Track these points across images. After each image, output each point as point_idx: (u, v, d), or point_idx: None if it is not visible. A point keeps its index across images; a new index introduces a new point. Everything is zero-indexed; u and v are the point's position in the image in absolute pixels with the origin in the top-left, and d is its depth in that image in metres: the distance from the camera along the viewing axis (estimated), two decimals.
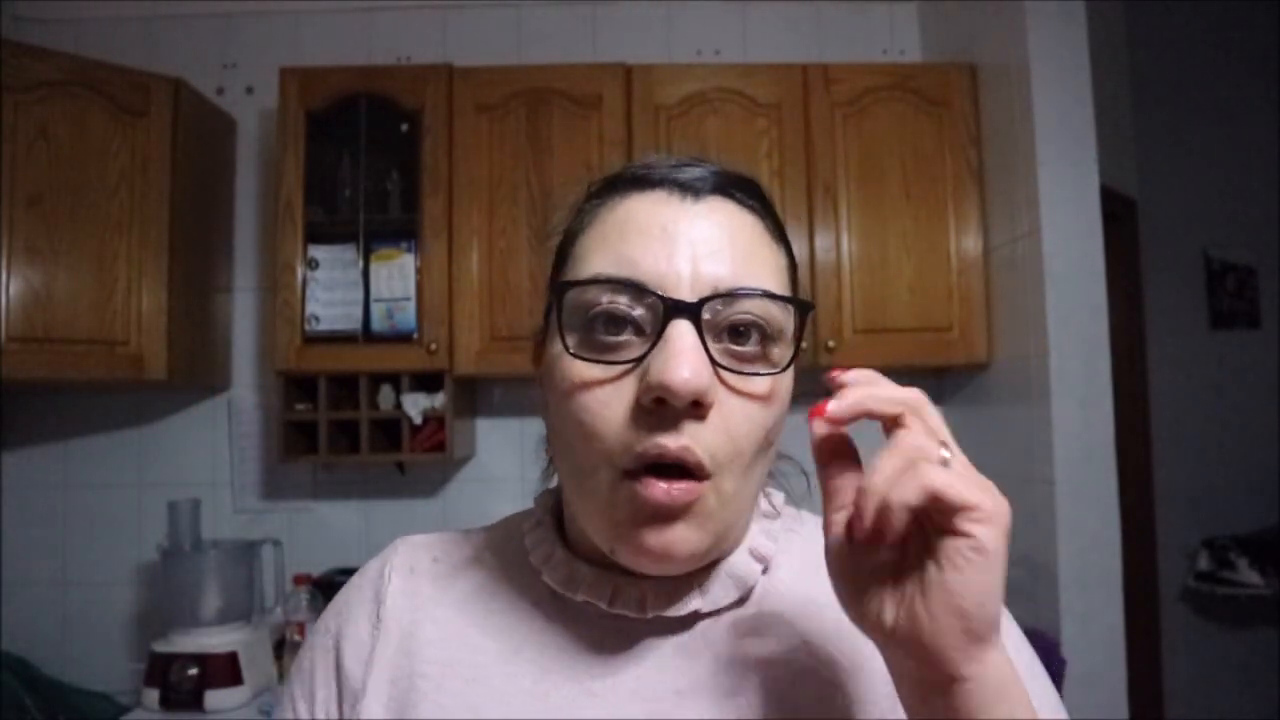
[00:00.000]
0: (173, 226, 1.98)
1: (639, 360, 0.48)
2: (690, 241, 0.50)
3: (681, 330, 0.47)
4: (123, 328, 1.91)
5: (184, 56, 2.30)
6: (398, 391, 2.01)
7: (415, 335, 1.98)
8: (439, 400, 2.00)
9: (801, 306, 0.52)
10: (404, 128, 2.03)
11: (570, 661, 0.54)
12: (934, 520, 0.41)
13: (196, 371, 2.11)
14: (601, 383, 0.49)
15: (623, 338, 0.49)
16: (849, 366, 0.47)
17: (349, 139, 2.03)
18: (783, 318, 0.51)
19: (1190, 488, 2.68)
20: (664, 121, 2.05)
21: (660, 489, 0.48)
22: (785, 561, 0.59)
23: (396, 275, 1.99)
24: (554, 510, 0.62)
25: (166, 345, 1.95)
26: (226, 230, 2.32)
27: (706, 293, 0.49)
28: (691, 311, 0.48)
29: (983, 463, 0.46)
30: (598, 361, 0.49)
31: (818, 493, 0.64)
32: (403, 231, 2.01)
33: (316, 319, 1.98)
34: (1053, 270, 1.78)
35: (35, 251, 1.82)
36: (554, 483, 0.62)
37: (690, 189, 0.53)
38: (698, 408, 0.48)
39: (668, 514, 0.48)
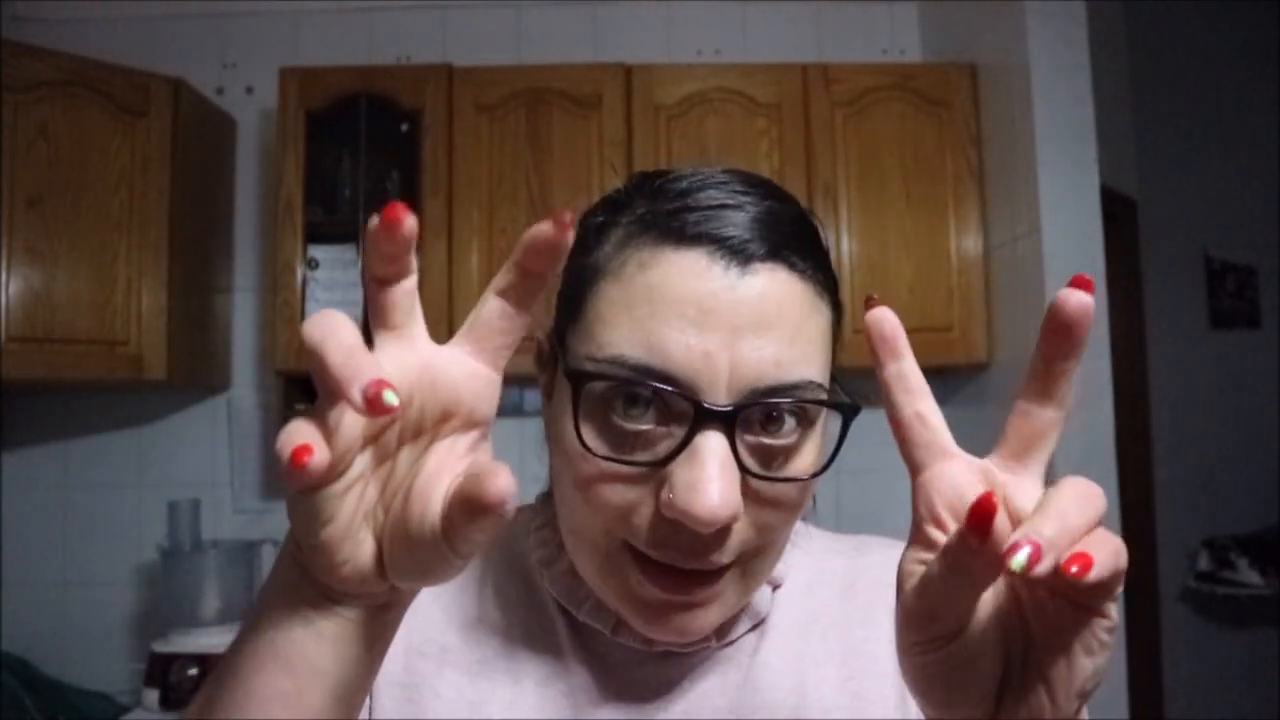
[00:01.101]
0: (173, 226, 1.98)
1: (663, 463, 0.43)
2: (733, 327, 0.43)
3: (712, 446, 0.42)
4: (123, 328, 1.91)
5: (184, 56, 2.30)
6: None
7: None
8: None
9: (843, 410, 0.46)
10: (404, 128, 2.03)
11: (567, 674, 0.53)
12: (1064, 593, 0.35)
13: (196, 371, 2.11)
14: (620, 478, 0.45)
15: (644, 427, 0.44)
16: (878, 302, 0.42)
17: (349, 139, 2.03)
18: (821, 395, 0.46)
19: (1190, 488, 2.67)
20: (664, 121, 2.05)
21: (673, 596, 0.45)
22: (790, 578, 0.57)
23: None
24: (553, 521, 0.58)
25: (166, 345, 1.95)
26: (226, 230, 2.32)
27: (744, 388, 0.43)
28: (725, 421, 0.43)
29: None
30: (613, 460, 0.44)
31: (855, 506, 0.65)
32: None
33: None
34: (1053, 270, 1.78)
35: (35, 251, 1.82)
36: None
37: (737, 253, 0.45)
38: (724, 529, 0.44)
39: (684, 607, 0.46)
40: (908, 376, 0.40)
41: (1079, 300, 0.35)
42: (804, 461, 0.46)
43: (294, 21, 2.38)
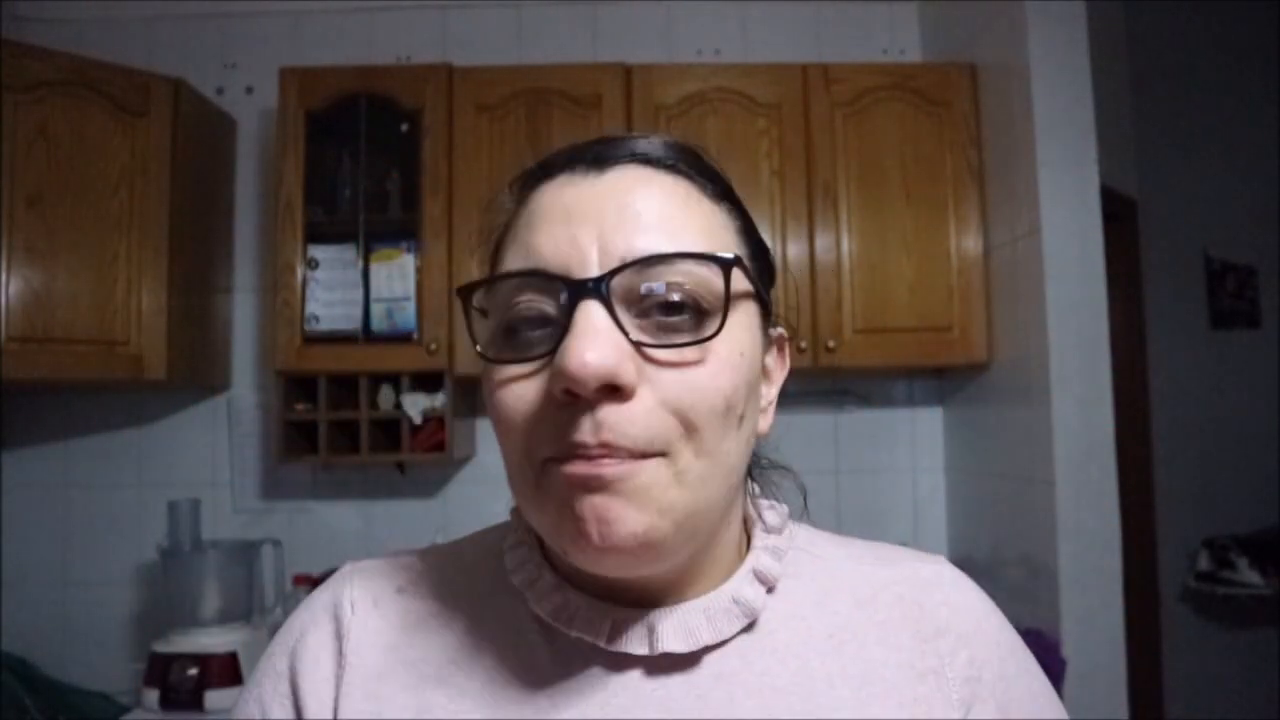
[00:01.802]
0: (173, 226, 1.98)
1: (550, 353, 0.44)
2: (597, 216, 0.46)
3: (589, 311, 0.43)
4: (123, 328, 1.91)
5: (184, 56, 2.30)
6: (398, 391, 2.01)
7: (415, 335, 1.97)
8: (439, 400, 2.00)
9: (720, 261, 0.45)
10: (404, 128, 2.03)
11: (564, 704, 0.48)
12: None
13: (196, 371, 2.11)
14: (516, 379, 0.46)
15: (538, 333, 0.46)
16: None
17: (349, 139, 2.03)
18: (716, 281, 0.45)
19: (1190, 488, 2.67)
20: (664, 121, 2.05)
21: (581, 466, 0.43)
22: (796, 586, 0.54)
23: (396, 275, 1.99)
24: (532, 529, 0.55)
25: (166, 345, 1.95)
26: (226, 230, 2.32)
27: (614, 265, 0.44)
28: (596, 290, 0.43)
29: (983, 463, 0.45)
30: (510, 360, 0.46)
31: (816, 508, 0.60)
32: (403, 231, 2.01)
33: (316, 319, 1.98)
34: (1053, 270, 1.78)
35: (35, 251, 1.82)
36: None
37: (594, 162, 0.48)
38: (616, 393, 0.42)
39: (597, 485, 0.43)
40: None
41: None
42: (711, 343, 0.45)
43: (294, 21, 2.38)
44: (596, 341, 0.42)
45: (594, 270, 0.44)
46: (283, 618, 1.94)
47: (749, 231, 0.52)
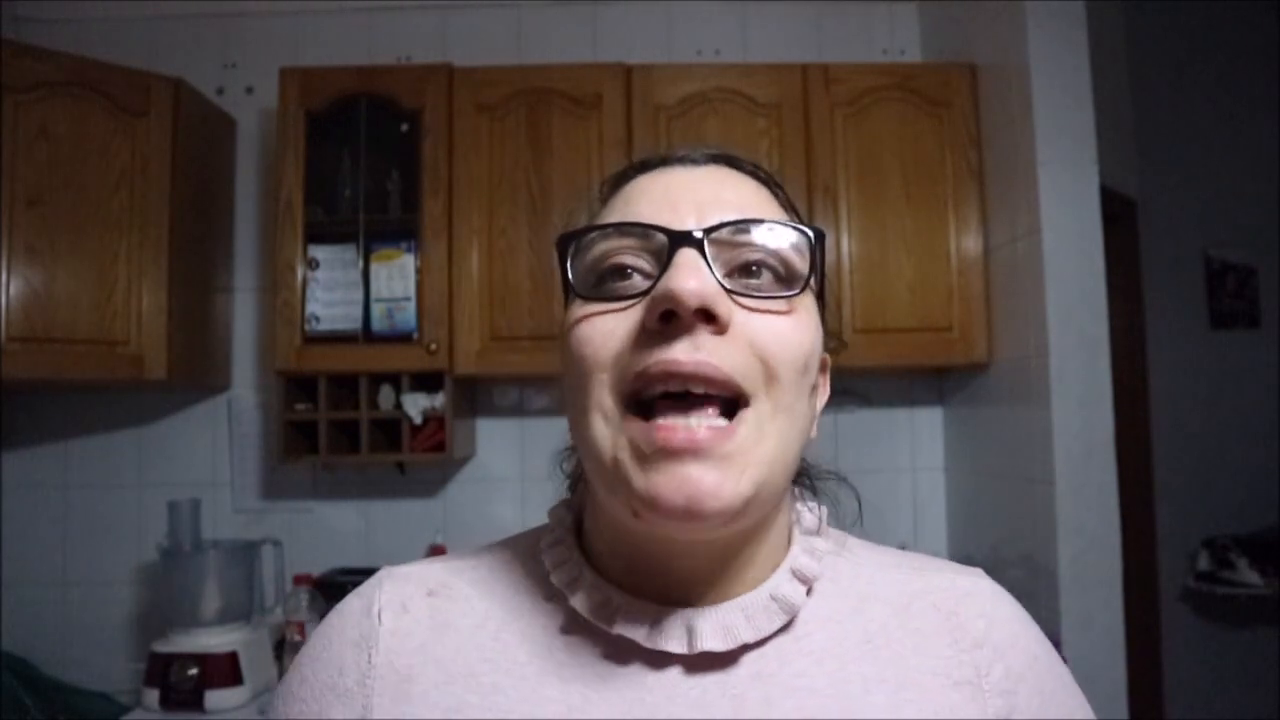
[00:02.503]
0: (173, 226, 1.98)
1: (647, 292, 0.46)
2: (695, 198, 0.49)
3: (687, 255, 0.45)
4: (123, 328, 1.91)
5: (184, 56, 2.30)
6: (398, 391, 2.01)
7: (415, 335, 1.98)
8: (439, 400, 2.00)
9: (813, 230, 0.49)
10: (404, 128, 2.03)
11: (601, 701, 0.48)
12: None
13: (196, 371, 2.11)
14: (605, 314, 0.47)
15: (631, 280, 0.48)
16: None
17: (349, 139, 2.03)
18: (796, 258, 0.49)
19: (1190, 488, 2.67)
20: (664, 121, 2.05)
21: (671, 421, 0.44)
22: (834, 591, 0.54)
23: (396, 275, 1.99)
24: (573, 527, 0.55)
25: (166, 345, 1.95)
26: (226, 230, 2.32)
27: (711, 224, 0.48)
28: (696, 242, 0.46)
29: (983, 463, 0.46)
30: (607, 298, 0.48)
31: (871, 518, 0.61)
32: (403, 231, 2.01)
33: (316, 319, 1.98)
34: (1053, 270, 1.78)
35: (35, 251, 1.82)
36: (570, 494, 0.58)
37: (690, 161, 0.53)
38: (711, 321, 0.45)
39: (686, 450, 0.43)
40: None
41: None
42: (790, 310, 0.48)
43: (294, 21, 2.38)
44: (698, 273, 0.44)
45: (692, 228, 0.47)
46: (283, 618, 1.95)
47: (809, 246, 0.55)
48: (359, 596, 0.55)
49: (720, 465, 0.44)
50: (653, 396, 0.45)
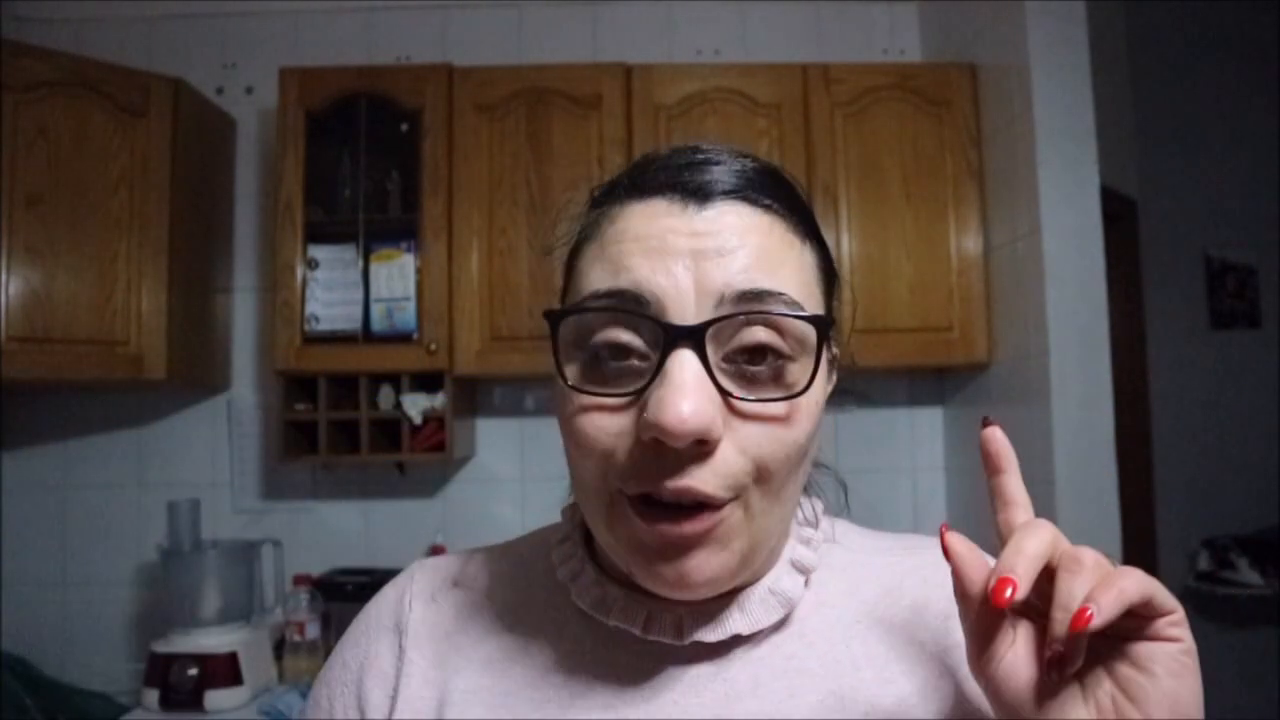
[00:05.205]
0: (173, 226, 1.98)
1: (639, 392, 0.45)
2: (694, 252, 0.46)
3: (682, 361, 0.44)
4: (123, 328, 1.91)
5: (184, 56, 2.30)
6: (397, 391, 2.00)
7: (415, 335, 1.97)
8: (439, 400, 2.00)
9: (817, 322, 0.46)
10: (404, 128, 2.03)
11: (602, 688, 0.51)
12: (1124, 629, 0.40)
13: (196, 371, 2.11)
14: (600, 409, 0.46)
15: (626, 363, 0.46)
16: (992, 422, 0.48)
17: (349, 139, 2.03)
18: (803, 331, 0.46)
19: (1190, 488, 2.67)
20: (664, 121, 2.05)
21: (666, 529, 0.45)
22: (828, 577, 0.56)
23: (396, 275, 1.99)
24: (582, 525, 0.58)
25: (166, 345, 1.95)
26: (226, 230, 2.32)
27: (711, 305, 0.45)
28: (693, 337, 0.44)
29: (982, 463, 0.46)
30: (598, 394, 0.46)
31: (855, 504, 0.62)
32: (403, 231, 2.01)
33: (316, 319, 1.98)
34: (1053, 270, 1.78)
35: (35, 251, 1.82)
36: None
37: (694, 194, 0.48)
38: (702, 445, 0.44)
39: (681, 546, 0.46)
40: (1005, 489, 0.46)
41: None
42: (792, 389, 0.47)
43: (294, 21, 2.38)
44: (691, 395, 0.43)
45: (690, 307, 0.45)
46: (283, 618, 1.95)
47: (827, 261, 0.53)
48: (394, 587, 0.60)
49: (708, 545, 0.46)
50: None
